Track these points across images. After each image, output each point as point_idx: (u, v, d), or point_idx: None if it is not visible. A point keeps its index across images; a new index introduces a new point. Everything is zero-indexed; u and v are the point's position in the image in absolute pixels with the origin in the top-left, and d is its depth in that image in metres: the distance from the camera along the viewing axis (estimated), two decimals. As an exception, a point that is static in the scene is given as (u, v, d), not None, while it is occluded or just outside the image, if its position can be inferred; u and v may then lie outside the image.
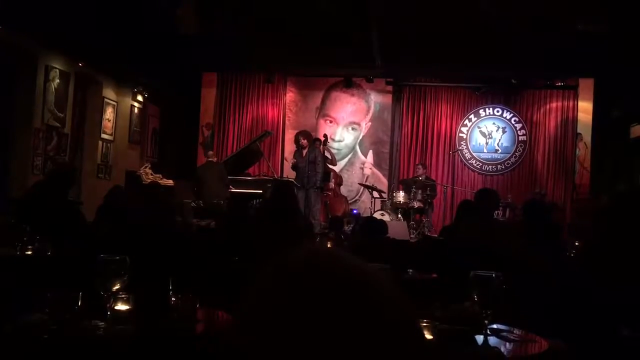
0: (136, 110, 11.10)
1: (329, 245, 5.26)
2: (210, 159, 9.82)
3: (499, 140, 11.68)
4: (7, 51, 7.79)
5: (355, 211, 10.60)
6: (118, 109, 10.46)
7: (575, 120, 11.18)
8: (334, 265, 0.61)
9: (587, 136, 10.99)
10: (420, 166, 10.51)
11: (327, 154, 10.13)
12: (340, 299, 0.56)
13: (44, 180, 5.49)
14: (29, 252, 3.49)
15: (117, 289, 1.85)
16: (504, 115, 11.71)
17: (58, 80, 8.68)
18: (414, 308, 0.63)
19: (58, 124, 8.75)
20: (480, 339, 1.84)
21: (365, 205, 11.19)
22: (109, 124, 10.23)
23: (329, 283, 0.58)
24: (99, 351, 1.78)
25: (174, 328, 1.90)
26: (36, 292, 2.07)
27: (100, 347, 1.80)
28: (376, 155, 11.85)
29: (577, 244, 4.83)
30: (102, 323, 1.84)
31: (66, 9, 7.53)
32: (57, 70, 8.66)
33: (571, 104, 11.29)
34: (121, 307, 1.89)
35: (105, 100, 10.09)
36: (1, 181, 8.03)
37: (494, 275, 1.81)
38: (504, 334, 2.00)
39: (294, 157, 9.50)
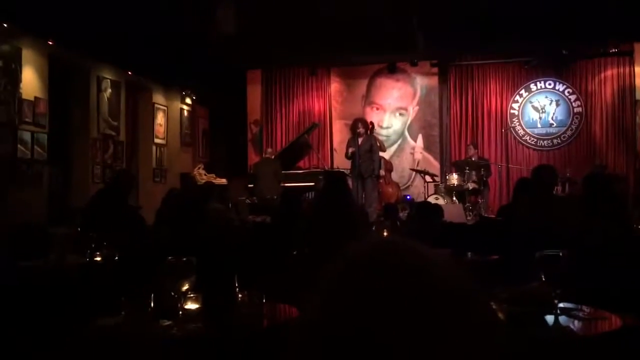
0: (185, 113, 11.34)
1: (385, 234, 5.25)
2: (267, 156, 9.91)
3: (553, 113, 11.33)
4: (61, 66, 8.09)
5: (408, 197, 10.52)
6: (168, 113, 10.71)
7: (633, 86, 10.70)
8: (400, 255, 0.61)
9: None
10: (471, 146, 10.32)
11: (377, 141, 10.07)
12: (408, 289, 0.56)
13: (105, 188, 5.70)
14: (98, 259, 3.63)
15: (186, 289, 1.91)
16: (557, 87, 11.35)
17: (110, 90, 8.96)
18: (484, 292, 0.63)
19: (113, 133, 9.04)
20: (551, 319, 1.80)
21: (418, 190, 11.09)
22: (161, 129, 10.49)
23: (397, 274, 0.58)
24: (173, 350, 1.84)
25: (242, 324, 1.94)
26: (109, 296, 2.15)
27: (175, 346, 1.87)
28: (426, 139, 11.71)
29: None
30: (174, 323, 1.90)
31: (111, 21, 7.76)
32: (109, 81, 8.94)
33: (627, 70, 10.82)
34: (191, 306, 1.95)
35: (156, 105, 10.35)
36: (63, 192, 8.37)
37: (560, 254, 1.77)
38: (575, 312, 1.95)
39: (349, 145, 9.40)
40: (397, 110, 11.80)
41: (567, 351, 1.82)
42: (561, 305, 1.91)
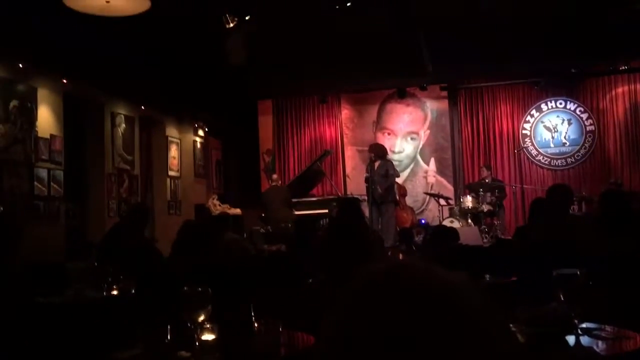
0: (198, 145, 11.45)
1: (400, 258, 5.21)
2: (274, 183, 9.95)
3: (566, 132, 11.29)
4: (75, 103, 8.24)
5: (423, 221, 10.48)
6: (181, 145, 10.82)
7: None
8: (417, 277, 0.61)
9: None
10: (484, 168, 10.29)
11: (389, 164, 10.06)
12: (425, 311, 0.56)
13: (121, 222, 5.74)
14: (115, 292, 3.64)
15: (202, 320, 1.91)
16: (568, 106, 11.33)
17: (124, 125, 9.09)
18: (503, 314, 0.63)
19: (128, 167, 9.14)
20: (572, 339, 1.78)
21: (432, 214, 11.04)
22: (175, 161, 10.59)
23: (414, 296, 0.58)
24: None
25: (260, 354, 1.93)
26: (127, 330, 2.16)
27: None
28: (438, 162, 11.70)
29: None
30: (192, 354, 1.90)
31: (124, 57, 7.91)
32: (122, 116, 9.07)
33: (639, 86, 10.79)
34: (208, 336, 1.94)
35: (169, 138, 10.46)
36: (80, 226, 8.44)
37: (578, 273, 1.75)
38: (596, 332, 1.92)
39: (367, 170, 9.43)
40: (408, 135, 11.82)
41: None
42: (582, 325, 1.88)
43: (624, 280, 2.80)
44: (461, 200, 9.96)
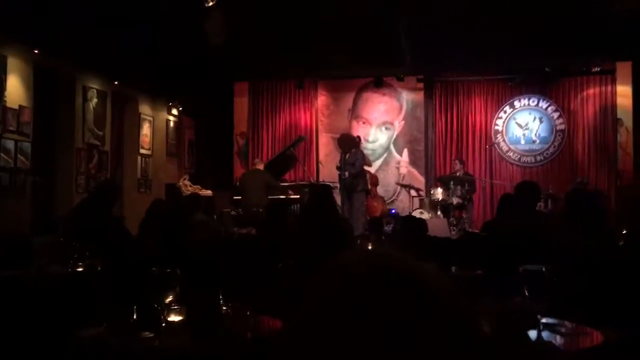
0: (172, 123, 11.31)
1: (370, 247, 5.26)
2: (256, 167, 9.84)
3: (537, 130, 11.47)
4: (46, 74, 8.04)
5: (393, 211, 10.55)
6: (154, 123, 10.67)
7: (614, 105, 10.87)
8: (388, 266, 0.61)
9: (628, 121, 10.66)
10: (457, 161, 10.40)
11: (364, 156, 10.11)
12: (397, 299, 0.57)
13: (88, 198, 5.65)
14: (80, 269, 3.59)
15: (169, 301, 1.90)
16: (540, 105, 11.50)
17: (96, 100, 8.92)
18: (473, 305, 0.64)
19: (98, 142, 8.98)
20: (534, 334, 1.82)
21: (403, 204, 11.13)
22: (147, 139, 10.44)
23: (385, 284, 0.58)
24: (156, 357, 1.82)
25: (227, 337, 1.93)
26: (92, 307, 2.13)
27: (156, 358, 1.85)
28: (411, 154, 11.78)
29: (624, 232, 4.70)
30: (157, 335, 1.89)
31: (99, 30, 7.74)
32: (95, 90, 8.90)
33: (609, 89, 11.00)
34: (174, 318, 1.93)
35: (142, 116, 10.31)
36: (47, 201, 8.28)
37: (543, 269, 1.79)
38: (557, 327, 1.97)
39: (339, 160, 9.49)
40: (383, 125, 11.86)
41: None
42: (544, 320, 1.93)
43: (588, 278, 2.87)
44: (431, 192, 10.07)
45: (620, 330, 2.07)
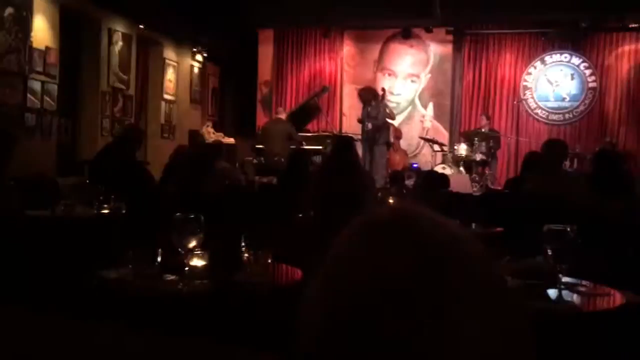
0: (196, 70, 11.26)
1: (390, 200, 5.25)
2: (278, 116, 9.81)
3: (567, 87, 11.18)
4: (71, 16, 8.00)
5: (415, 165, 10.49)
6: (179, 69, 10.64)
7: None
8: (419, 226, 0.60)
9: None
10: (483, 117, 10.23)
11: (386, 108, 9.99)
12: (430, 261, 0.56)
13: (113, 142, 5.70)
14: (106, 211, 3.66)
15: (193, 246, 1.93)
16: (572, 61, 11.17)
17: (121, 43, 8.89)
18: (499, 264, 0.63)
19: (123, 86, 9.00)
20: (554, 293, 1.81)
21: (425, 158, 11.06)
22: (171, 85, 10.43)
23: (416, 244, 0.57)
24: (178, 305, 1.87)
25: (248, 283, 1.96)
26: (116, 249, 2.17)
27: (180, 301, 1.89)
28: (436, 108, 11.61)
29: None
30: (180, 278, 1.93)
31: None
32: (120, 33, 8.85)
33: (643, 48, 10.63)
34: (197, 262, 1.96)
35: (166, 61, 10.27)
36: (72, 143, 8.39)
37: (568, 229, 1.76)
38: (578, 288, 1.96)
39: (362, 111, 9.43)
40: (408, 77, 11.67)
41: (568, 325, 1.84)
42: (565, 279, 1.92)
43: (609, 241, 2.84)
44: (455, 147, 9.96)
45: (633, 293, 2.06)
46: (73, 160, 8.02)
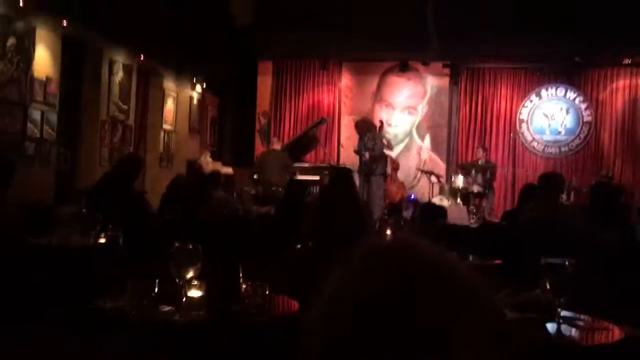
0: (195, 100, 11.35)
1: (388, 232, 5.25)
2: (273, 147, 9.88)
3: (563, 121, 11.29)
4: (73, 47, 8.10)
5: (413, 196, 10.51)
6: (178, 99, 10.72)
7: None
8: (417, 255, 0.61)
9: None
10: (480, 149, 10.30)
11: (383, 139, 10.06)
12: (426, 290, 0.57)
13: (112, 171, 5.71)
14: (102, 240, 3.64)
15: (190, 276, 1.92)
16: (568, 95, 11.31)
17: (121, 74, 8.97)
18: (497, 295, 0.63)
19: (122, 116, 9.06)
20: (552, 327, 1.81)
21: (423, 190, 11.08)
22: (170, 115, 10.50)
23: (414, 274, 0.58)
24: (175, 335, 1.85)
25: (246, 314, 1.95)
26: (113, 279, 2.16)
27: (176, 332, 1.88)
28: (433, 140, 11.69)
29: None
30: (177, 308, 1.91)
31: (127, 3, 7.76)
32: (121, 64, 8.94)
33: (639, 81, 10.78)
34: (194, 293, 1.96)
35: (166, 91, 10.36)
36: (70, 172, 8.39)
37: (566, 263, 1.77)
38: (577, 322, 1.96)
39: (358, 143, 9.49)
40: (406, 109, 11.78)
41: (566, 359, 1.83)
42: (564, 313, 1.91)
43: (607, 273, 2.84)
44: (452, 179, 10.00)
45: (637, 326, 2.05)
46: (72, 189, 8.02)
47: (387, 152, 10.12)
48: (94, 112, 8.50)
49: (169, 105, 10.46)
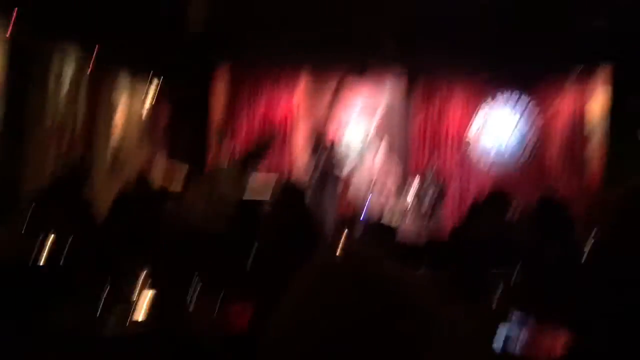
0: (148, 105, 11.14)
1: (340, 247, 5.27)
2: (225, 162, 9.77)
3: (511, 135, 11.61)
4: (21, 47, 7.83)
5: (364, 213, 10.58)
6: (130, 104, 10.51)
7: (589, 113, 11.04)
8: (370, 272, 0.62)
9: (601, 131, 10.81)
10: (429, 169, 10.50)
11: (335, 154, 10.10)
12: (380, 304, 0.57)
13: (58, 178, 5.54)
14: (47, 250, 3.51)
15: (140, 287, 1.88)
16: (518, 109, 11.63)
17: (71, 76, 8.73)
18: (453, 310, 0.64)
19: (70, 122, 8.80)
20: (501, 334, 1.85)
21: (374, 206, 11.15)
22: (121, 120, 10.28)
23: (368, 290, 0.58)
24: (124, 346, 1.80)
25: (197, 325, 1.92)
26: (62, 290, 2.10)
27: (126, 343, 1.83)
28: (388, 150, 11.80)
29: (591, 240, 4.81)
30: (128, 319, 1.87)
31: (78, 5, 7.58)
32: (70, 67, 8.71)
33: (586, 97, 11.13)
34: (145, 306, 1.91)
35: (117, 96, 10.14)
36: (15, 180, 8.09)
37: (513, 274, 1.82)
38: (523, 330, 2.01)
39: (311, 156, 9.49)
40: (361, 118, 11.85)
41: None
42: (512, 319, 1.96)
43: (553, 284, 2.93)
44: (402, 196, 10.15)
45: (582, 335, 2.12)
46: (15, 197, 7.72)
47: (338, 169, 10.15)
48: (41, 117, 8.23)
49: (120, 110, 10.24)
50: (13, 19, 7.22)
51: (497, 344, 1.82)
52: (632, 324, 2.30)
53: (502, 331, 1.88)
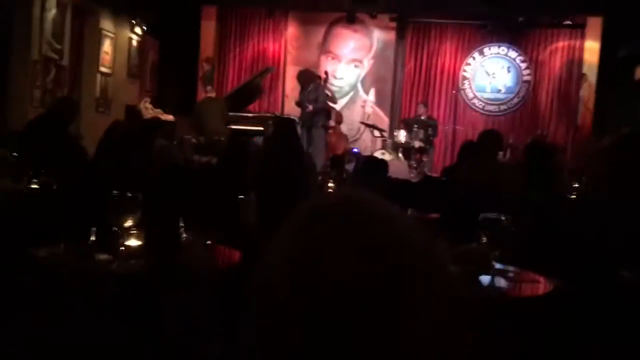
0: (135, 43, 10.89)
1: (330, 184, 5.29)
2: (209, 94, 9.70)
3: (503, 79, 11.54)
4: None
5: (355, 150, 10.59)
6: (116, 41, 10.26)
7: (581, 60, 11.00)
8: (366, 212, 0.60)
9: (592, 77, 10.83)
10: (422, 105, 10.42)
11: (327, 91, 9.99)
12: (375, 249, 0.56)
13: (45, 113, 5.45)
14: (35, 186, 3.50)
15: (129, 225, 1.87)
16: (509, 54, 11.52)
17: (54, 10, 8.46)
18: (444, 251, 0.64)
19: (56, 56, 8.60)
20: (486, 279, 1.88)
21: (365, 144, 11.18)
22: (107, 57, 10.05)
23: (362, 231, 0.57)
24: (111, 284, 1.82)
25: (185, 263, 1.93)
26: (47, 226, 2.09)
27: (112, 281, 1.84)
28: (378, 94, 11.73)
29: (576, 186, 4.86)
30: (114, 258, 1.87)
31: None
32: (53, 0, 8.43)
33: (578, 43, 11.08)
34: (132, 242, 1.91)
35: (103, 32, 9.88)
36: (0, 114, 7.97)
37: (502, 218, 1.83)
38: (510, 274, 2.04)
39: (299, 94, 9.38)
40: (352, 62, 11.72)
41: (497, 310, 1.91)
42: (498, 266, 1.99)
43: (538, 229, 2.96)
44: (395, 134, 10.11)
45: (565, 280, 2.16)
46: (1, 132, 7.62)
47: (331, 104, 10.07)
48: (25, 51, 8.03)
49: (106, 46, 10.00)
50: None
51: (482, 286, 1.85)
52: (612, 268, 2.35)
53: (487, 274, 1.91)
